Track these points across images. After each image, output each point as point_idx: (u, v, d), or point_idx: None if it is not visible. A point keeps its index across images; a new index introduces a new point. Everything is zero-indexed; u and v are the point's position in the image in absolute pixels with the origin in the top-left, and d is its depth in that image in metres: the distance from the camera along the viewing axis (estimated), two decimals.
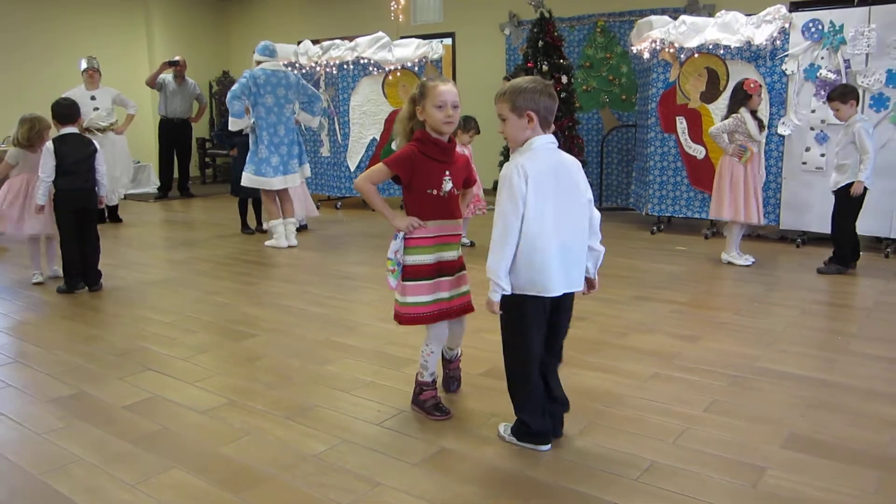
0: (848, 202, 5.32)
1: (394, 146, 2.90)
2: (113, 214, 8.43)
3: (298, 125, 7.00)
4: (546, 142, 2.52)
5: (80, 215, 5.06)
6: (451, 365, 3.20)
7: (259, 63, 6.63)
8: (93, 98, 8.20)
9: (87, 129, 7.99)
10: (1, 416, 3.04)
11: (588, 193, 2.60)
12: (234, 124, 6.71)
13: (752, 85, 5.51)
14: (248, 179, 6.63)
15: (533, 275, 2.48)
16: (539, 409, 2.64)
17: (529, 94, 2.48)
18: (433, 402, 2.96)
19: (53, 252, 5.53)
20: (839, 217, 5.42)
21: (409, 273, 2.81)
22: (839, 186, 5.34)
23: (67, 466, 2.58)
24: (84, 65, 8.33)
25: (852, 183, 5.23)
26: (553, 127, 2.59)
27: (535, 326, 2.57)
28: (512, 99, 2.49)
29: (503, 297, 2.51)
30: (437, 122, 2.73)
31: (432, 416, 2.92)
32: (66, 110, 5.06)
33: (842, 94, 5.29)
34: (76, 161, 4.96)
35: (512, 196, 2.43)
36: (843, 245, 5.43)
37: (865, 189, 5.27)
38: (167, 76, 9.98)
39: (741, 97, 5.55)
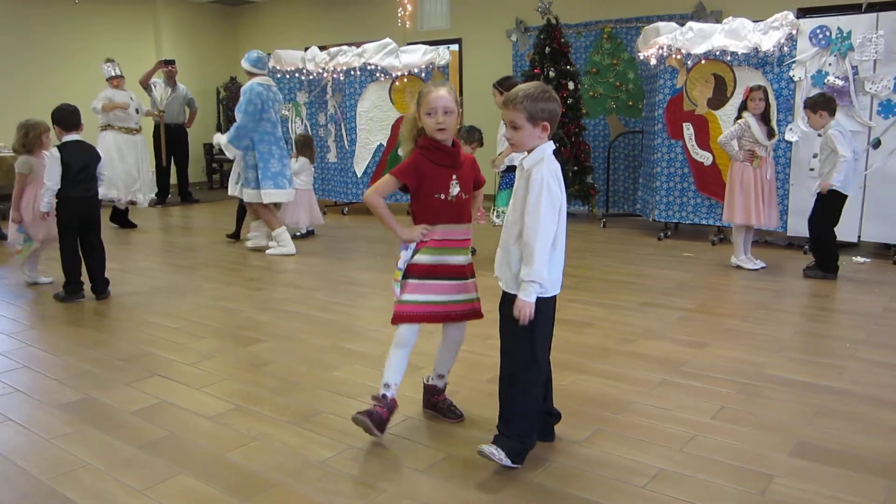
0: (825, 207, 5.35)
1: (400, 152, 2.89)
2: (124, 219, 8.43)
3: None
4: (553, 149, 2.58)
5: (84, 224, 5.00)
6: (439, 396, 3.02)
7: (253, 76, 6.57)
8: (132, 98, 8.32)
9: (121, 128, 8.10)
10: (9, 421, 3.05)
11: None
12: (230, 151, 6.52)
13: (744, 91, 5.68)
14: (269, 196, 6.54)
15: (554, 276, 2.54)
16: (535, 424, 2.63)
17: (544, 105, 2.50)
18: (379, 419, 2.77)
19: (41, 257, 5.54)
20: (816, 221, 5.45)
21: (407, 272, 2.80)
22: (818, 192, 5.39)
23: (75, 472, 2.59)
24: (111, 72, 8.34)
25: (833, 189, 5.26)
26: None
27: (550, 327, 2.63)
28: (528, 109, 2.49)
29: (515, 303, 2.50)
30: (430, 129, 2.73)
31: (371, 432, 2.75)
32: (69, 116, 4.95)
33: (813, 104, 5.37)
34: (80, 169, 4.88)
35: (552, 203, 2.46)
36: (824, 251, 5.44)
37: (845, 196, 5.30)
38: (158, 80, 9.99)
39: (741, 104, 5.70)
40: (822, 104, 5.30)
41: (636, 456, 2.64)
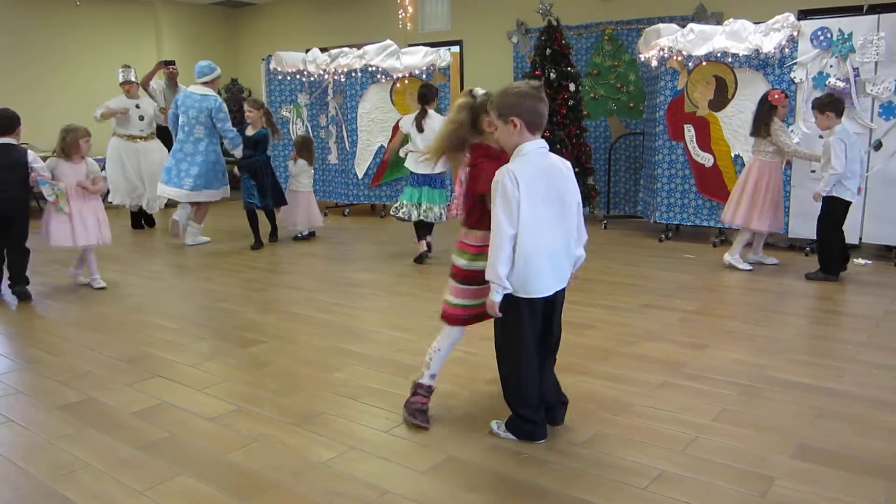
0: (828, 211, 5.35)
1: (402, 153, 2.89)
2: (149, 219, 8.68)
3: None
4: (536, 147, 2.59)
5: (5, 223, 4.98)
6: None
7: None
8: (137, 107, 8.24)
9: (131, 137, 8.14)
10: (10, 421, 3.06)
11: (577, 196, 2.70)
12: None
13: (776, 96, 5.60)
14: (159, 188, 7.33)
15: (526, 277, 2.56)
16: (535, 403, 2.72)
17: (513, 99, 2.53)
18: (418, 407, 2.94)
19: (91, 259, 5.52)
20: (822, 224, 5.44)
21: (466, 278, 2.82)
22: (823, 195, 5.38)
23: (75, 473, 2.59)
24: (122, 77, 8.31)
25: (833, 196, 5.26)
26: (543, 131, 2.65)
27: (529, 326, 2.65)
28: (497, 106, 2.56)
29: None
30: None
31: (413, 419, 2.91)
32: (2, 122, 4.97)
33: (820, 105, 5.33)
34: None
35: (506, 201, 2.50)
36: (825, 252, 5.44)
37: (848, 203, 5.29)
38: (160, 82, 9.96)
39: (767, 108, 5.64)
40: (830, 105, 5.27)
41: (637, 458, 2.64)
